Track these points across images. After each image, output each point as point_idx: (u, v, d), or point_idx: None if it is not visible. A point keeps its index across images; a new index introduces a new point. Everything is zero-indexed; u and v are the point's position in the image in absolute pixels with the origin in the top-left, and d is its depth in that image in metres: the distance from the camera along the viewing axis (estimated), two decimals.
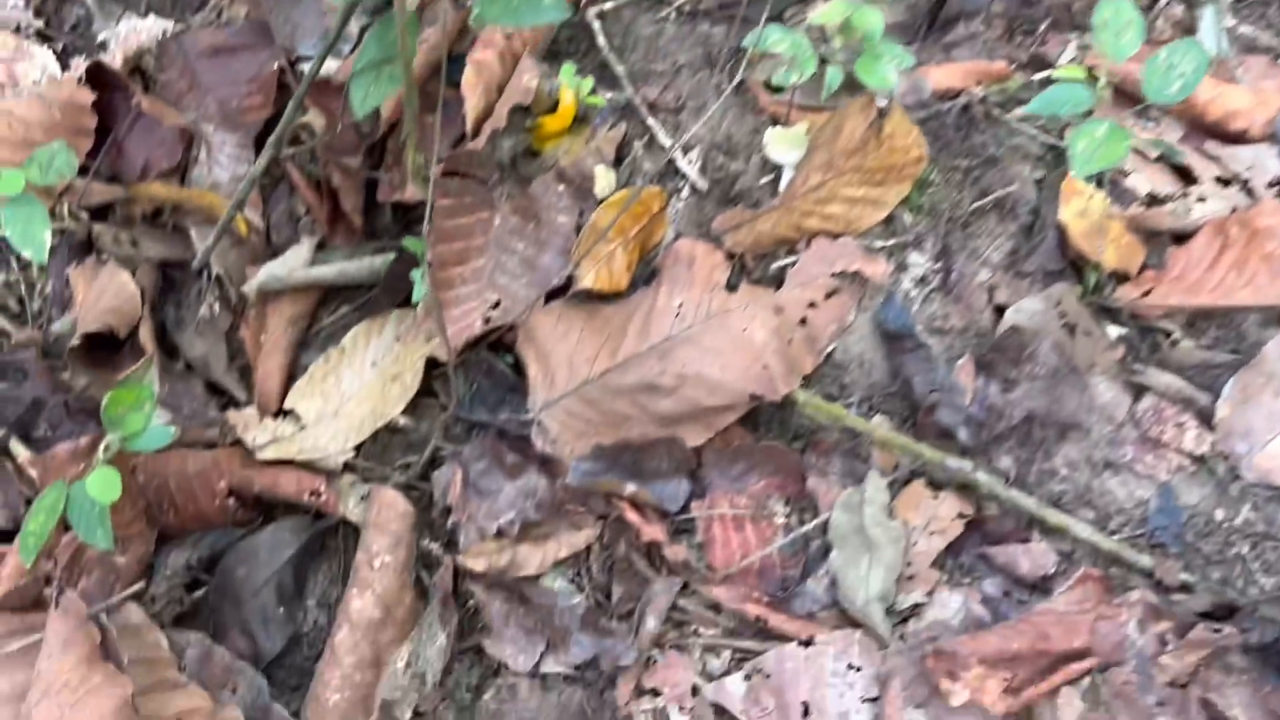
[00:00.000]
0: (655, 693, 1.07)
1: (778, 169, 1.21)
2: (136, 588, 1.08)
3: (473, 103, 1.19)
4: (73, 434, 1.10)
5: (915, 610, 1.06)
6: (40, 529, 0.92)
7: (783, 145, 1.17)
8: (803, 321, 1.12)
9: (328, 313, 1.28)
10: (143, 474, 1.13)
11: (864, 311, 1.14)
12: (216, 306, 1.21)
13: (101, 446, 0.94)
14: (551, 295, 1.19)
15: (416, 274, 1.04)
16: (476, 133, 1.21)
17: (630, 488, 1.09)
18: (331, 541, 1.17)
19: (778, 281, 1.15)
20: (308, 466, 1.14)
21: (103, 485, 0.91)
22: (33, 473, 1.03)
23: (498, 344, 1.20)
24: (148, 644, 1.05)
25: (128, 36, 1.33)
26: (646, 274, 1.21)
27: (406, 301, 1.23)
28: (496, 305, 1.20)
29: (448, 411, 1.17)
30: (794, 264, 1.15)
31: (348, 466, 1.16)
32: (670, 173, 1.24)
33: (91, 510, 0.92)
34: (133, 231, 1.26)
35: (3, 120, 1.20)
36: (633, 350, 1.13)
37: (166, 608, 1.11)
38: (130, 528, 1.09)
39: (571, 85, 1.21)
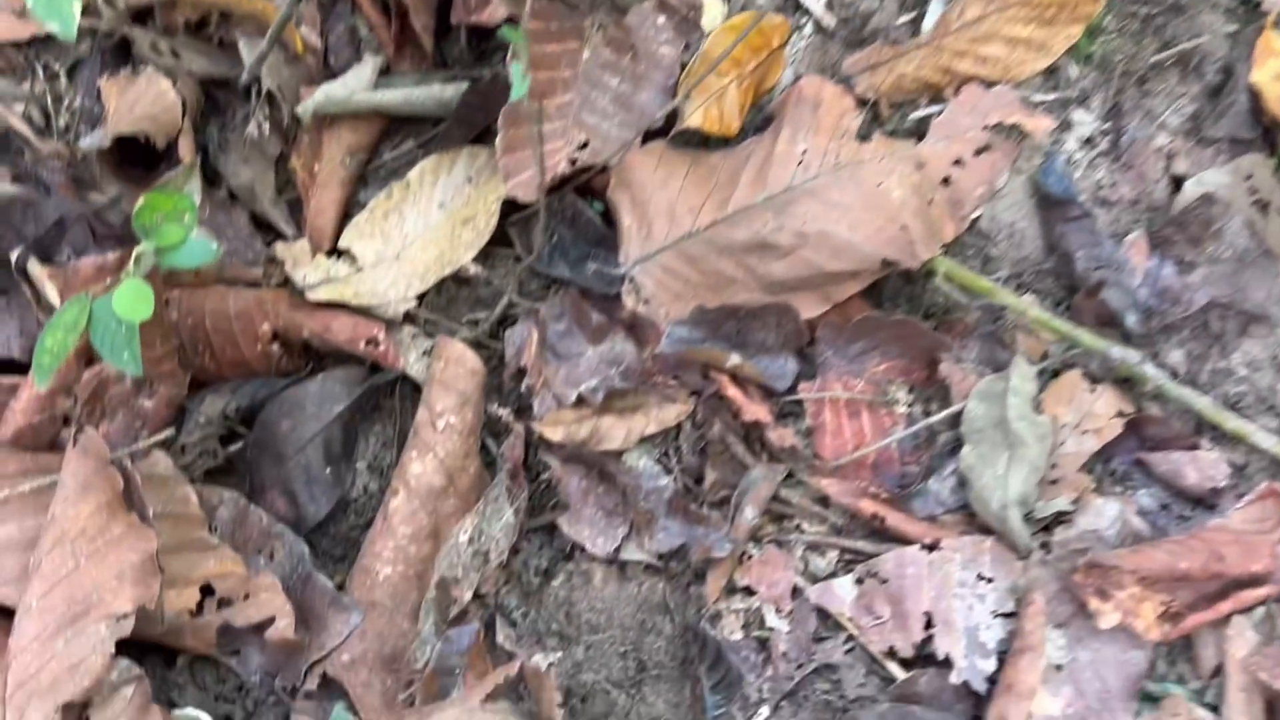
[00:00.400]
0: (749, 591, 0.93)
1: (918, 9, 1.03)
2: (165, 434, 0.96)
3: None
4: None
5: (1060, 519, 0.91)
6: (58, 347, 0.78)
7: None
8: (946, 181, 0.96)
9: (389, 147, 1.12)
10: (176, 310, 1.00)
11: (1018, 174, 0.97)
12: (266, 128, 1.05)
13: (133, 257, 0.80)
14: (649, 139, 1.03)
15: (515, 69, 0.87)
16: None
17: (733, 359, 0.94)
18: (386, 400, 1.03)
19: (918, 134, 0.99)
20: (364, 313, 0.99)
21: (132, 300, 0.77)
22: (51, 291, 0.89)
23: (586, 190, 1.04)
24: (176, 498, 0.92)
25: None
26: (759, 122, 1.05)
27: (481, 138, 1.07)
28: (584, 146, 1.04)
29: (525, 262, 1.02)
30: (939, 114, 0.99)
31: (408, 317, 1.01)
32: (789, 7, 1.07)
33: (118, 329, 0.78)
34: (174, 41, 1.10)
35: None
36: (745, 201, 0.97)
37: (198, 460, 0.98)
38: (160, 366, 0.95)
39: None
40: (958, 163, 0.96)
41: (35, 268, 0.95)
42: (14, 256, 0.97)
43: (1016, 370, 0.92)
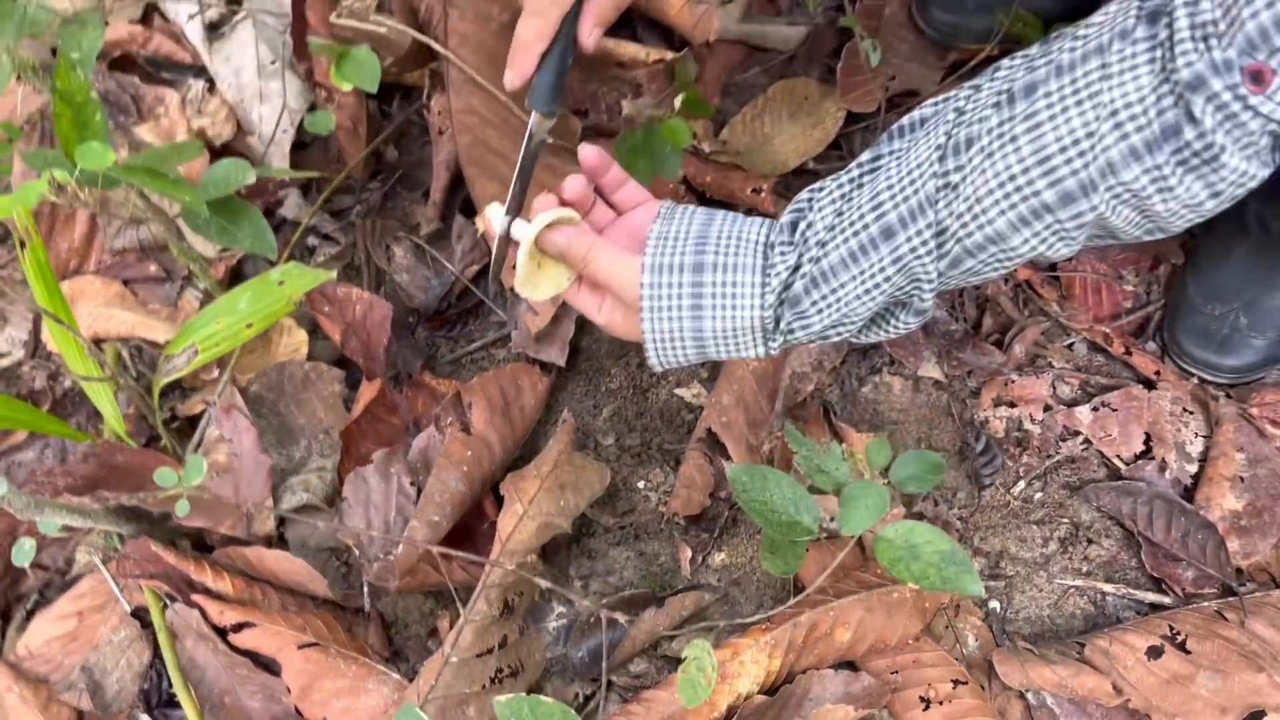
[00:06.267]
0: (1011, 405, 1.29)
1: None
2: None
3: None
4: None
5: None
6: None
7: None
8: None
9: (740, 72, 1.49)
10: None
11: None
12: None
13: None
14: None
15: (867, 44, 1.27)
16: None
17: None
18: None
19: None
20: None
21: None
22: None
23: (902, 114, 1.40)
24: None
25: None
26: None
27: (822, 77, 1.44)
28: (892, 78, 1.41)
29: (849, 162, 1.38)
30: None
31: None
32: None
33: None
34: None
35: None
36: None
37: None
38: None
39: None
40: None
41: None
42: None
43: None
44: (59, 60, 0.96)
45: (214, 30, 1.51)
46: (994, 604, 1.19)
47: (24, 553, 1.07)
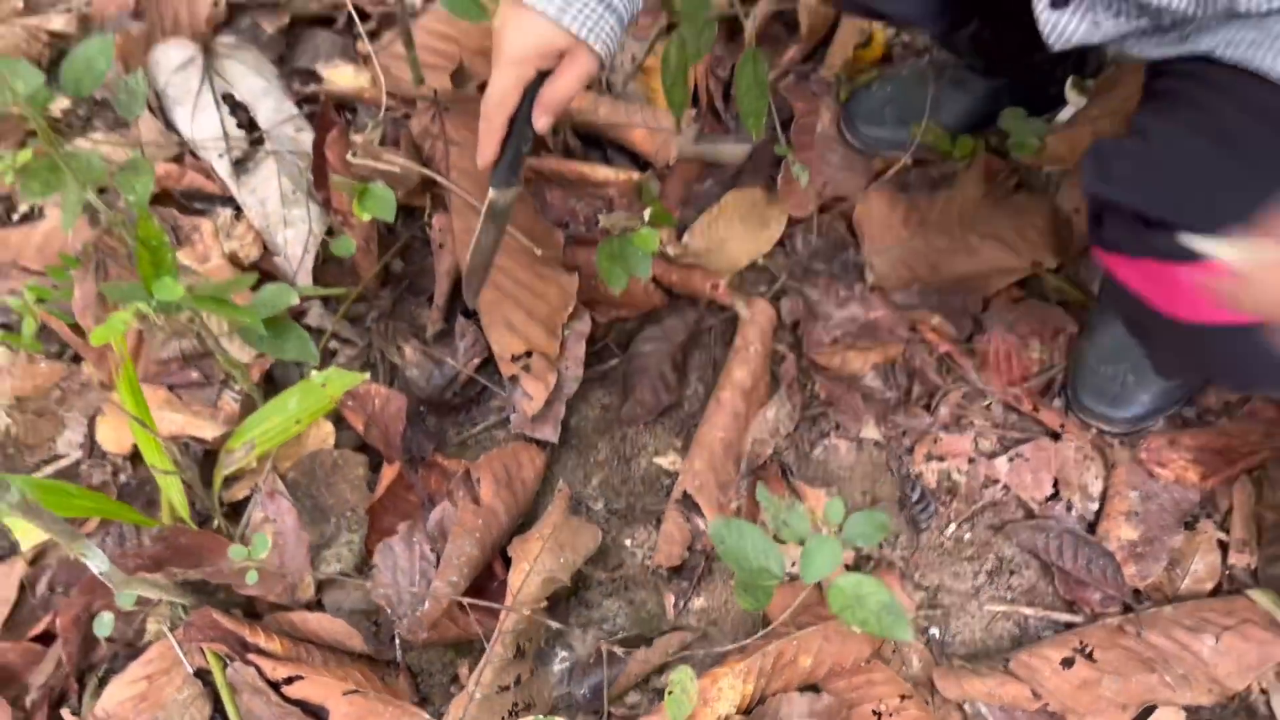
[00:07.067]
0: (940, 459, 1.51)
1: None
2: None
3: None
4: None
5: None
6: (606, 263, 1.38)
7: None
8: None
9: (697, 183, 1.73)
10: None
11: None
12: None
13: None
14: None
15: (796, 168, 1.52)
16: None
17: (935, 319, 1.54)
18: (704, 339, 1.62)
19: None
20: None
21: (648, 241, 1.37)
22: None
23: (837, 215, 1.65)
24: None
25: None
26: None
27: (767, 185, 1.69)
28: (824, 186, 1.66)
29: (793, 257, 1.62)
30: None
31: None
32: None
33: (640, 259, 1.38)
34: None
35: None
36: (943, 226, 1.58)
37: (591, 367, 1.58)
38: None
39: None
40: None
41: None
42: None
43: None
44: (139, 211, 1.18)
45: (239, 166, 1.74)
46: (934, 630, 1.39)
47: (104, 625, 1.26)
